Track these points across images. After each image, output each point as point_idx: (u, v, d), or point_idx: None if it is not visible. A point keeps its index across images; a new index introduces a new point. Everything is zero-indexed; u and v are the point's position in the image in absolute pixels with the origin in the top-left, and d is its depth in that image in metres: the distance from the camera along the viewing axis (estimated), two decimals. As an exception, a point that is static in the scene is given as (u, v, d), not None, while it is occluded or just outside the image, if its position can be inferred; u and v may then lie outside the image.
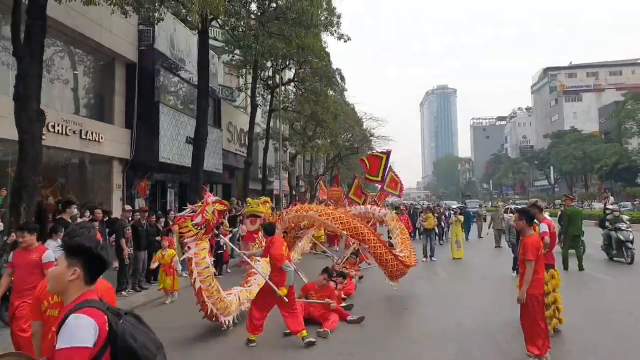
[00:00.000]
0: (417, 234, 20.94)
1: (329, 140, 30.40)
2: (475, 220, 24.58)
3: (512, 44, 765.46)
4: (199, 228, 6.62)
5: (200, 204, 6.79)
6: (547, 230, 6.71)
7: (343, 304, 8.15)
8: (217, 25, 19.98)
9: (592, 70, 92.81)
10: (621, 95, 63.57)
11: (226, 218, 14.16)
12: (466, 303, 8.79)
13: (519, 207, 6.37)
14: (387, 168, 14.12)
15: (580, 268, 11.79)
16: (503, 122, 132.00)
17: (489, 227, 19.94)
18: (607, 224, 14.00)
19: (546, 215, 7.48)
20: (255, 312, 6.48)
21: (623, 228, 13.36)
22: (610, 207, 15.37)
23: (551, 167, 69.48)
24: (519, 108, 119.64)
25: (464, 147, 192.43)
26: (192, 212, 6.73)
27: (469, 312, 7.97)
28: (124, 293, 9.58)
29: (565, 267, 11.58)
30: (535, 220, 6.27)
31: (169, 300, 9.53)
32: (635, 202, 35.99)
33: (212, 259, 12.23)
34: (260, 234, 7.85)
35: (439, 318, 7.67)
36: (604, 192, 39.09)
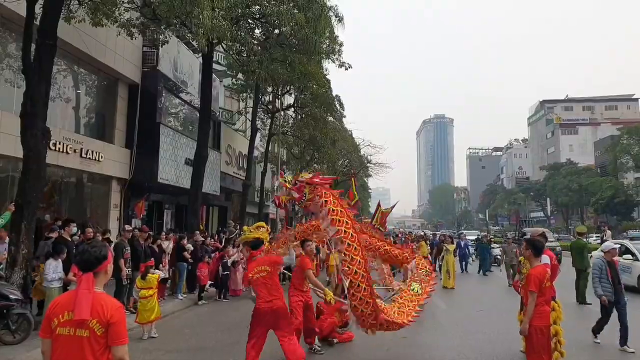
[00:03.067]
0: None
1: (326, 166, 30.51)
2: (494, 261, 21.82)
3: (512, 74, 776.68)
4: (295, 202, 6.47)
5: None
6: (548, 263, 6.68)
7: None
8: (221, 50, 20.27)
9: (588, 105, 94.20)
10: (617, 129, 64.36)
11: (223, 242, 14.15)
12: (465, 334, 8.70)
13: (528, 237, 6.08)
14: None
15: (582, 301, 11.66)
16: (499, 153, 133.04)
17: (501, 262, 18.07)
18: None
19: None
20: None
21: None
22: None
23: (547, 199, 69.71)
24: (515, 139, 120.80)
25: (460, 177, 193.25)
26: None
27: (469, 343, 7.89)
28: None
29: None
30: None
31: (147, 335, 8.23)
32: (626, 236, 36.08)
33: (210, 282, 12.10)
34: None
35: (439, 348, 7.59)
36: (601, 225, 39.21)
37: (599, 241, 29.28)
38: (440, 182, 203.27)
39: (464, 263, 20.55)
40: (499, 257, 20.66)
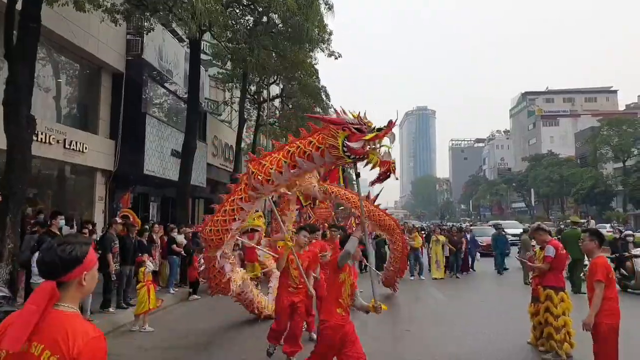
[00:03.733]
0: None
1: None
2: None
3: (493, 66, 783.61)
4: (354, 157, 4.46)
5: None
6: (553, 254, 6.55)
7: None
8: (207, 39, 19.82)
9: (568, 96, 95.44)
10: (597, 121, 65.32)
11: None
12: (469, 326, 8.57)
13: (592, 227, 5.48)
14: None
15: (577, 291, 11.35)
16: (481, 144, 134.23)
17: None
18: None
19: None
20: None
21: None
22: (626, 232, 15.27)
23: (531, 190, 70.58)
24: (497, 131, 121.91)
25: (443, 168, 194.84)
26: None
27: (474, 336, 7.76)
28: (110, 309, 9.09)
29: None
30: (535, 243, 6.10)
31: (136, 327, 8.09)
32: (614, 225, 36.70)
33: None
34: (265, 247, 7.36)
35: (446, 343, 7.43)
36: (584, 215, 39.81)
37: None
38: (423, 173, 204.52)
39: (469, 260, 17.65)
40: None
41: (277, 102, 28.00)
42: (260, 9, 14.96)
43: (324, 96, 27.12)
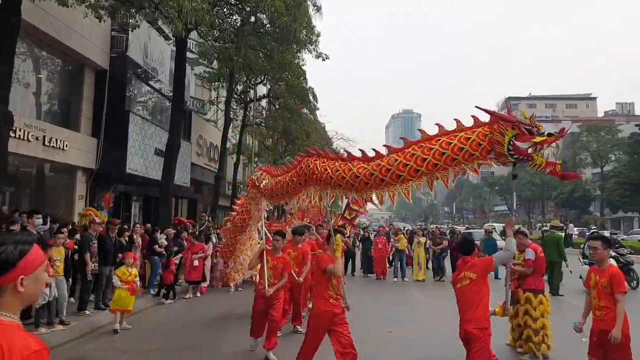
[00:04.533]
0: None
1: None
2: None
3: (478, 73, 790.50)
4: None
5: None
6: (533, 257, 6.64)
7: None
8: (194, 37, 19.64)
9: (550, 102, 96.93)
10: (577, 127, 66.42)
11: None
12: (449, 327, 8.56)
13: (606, 235, 5.02)
14: None
15: (556, 293, 11.55)
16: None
17: None
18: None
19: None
20: None
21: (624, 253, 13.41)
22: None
23: (514, 194, 71.36)
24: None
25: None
26: None
27: (454, 337, 7.76)
28: (87, 312, 8.89)
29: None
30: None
31: (119, 326, 7.96)
32: (593, 228, 37.37)
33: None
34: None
35: (426, 344, 7.43)
36: (563, 219, 40.42)
37: (562, 234, 30.05)
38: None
39: None
40: None
41: (264, 102, 27.90)
42: (248, 9, 14.85)
43: (311, 97, 27.13)
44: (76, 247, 9.41)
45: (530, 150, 4.34)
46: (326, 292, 5.23)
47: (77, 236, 9.70)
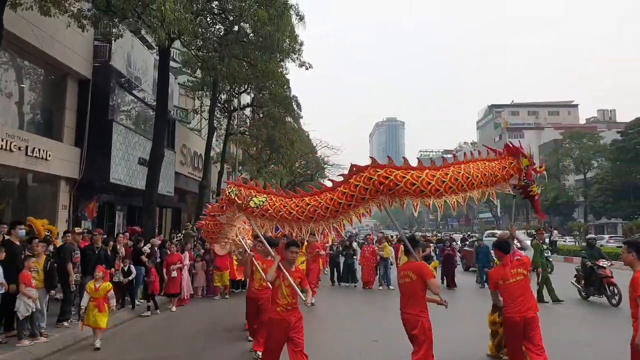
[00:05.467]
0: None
1: (284, 167, 30.26)
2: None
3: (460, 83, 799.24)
4: None
5: None
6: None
7: None
8: (177, 47, 19.67)
9: (532, 110, 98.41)
10: (559, 134, 67.52)
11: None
12: (439, 334, 8.64)
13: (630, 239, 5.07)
14: None
15: (540, 299, 11.38)
16: (449, 155, 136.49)
17: None
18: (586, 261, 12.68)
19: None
20: None
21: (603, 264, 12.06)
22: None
23: (498, 201, 72.06)
24: (464, 142, 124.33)
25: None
26: None
27: (445, 344, 7.84)
28: (65, 324, 8.73)
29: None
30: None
31: (98, 343, 7.55)
32: (575, 234, 37.85)
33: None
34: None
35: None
36: (547, 226, 40.93)
37: (547, 241, 30.45)
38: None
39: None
40: None
41: (247, 111, 27.95)
42: (231, 18, 14.94)
43: (295, 106, 27.27)
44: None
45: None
46: (276, 299, 5.45)
47: (51, 247, 9.53)
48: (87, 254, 9.63)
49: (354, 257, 17.00)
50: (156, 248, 12.29)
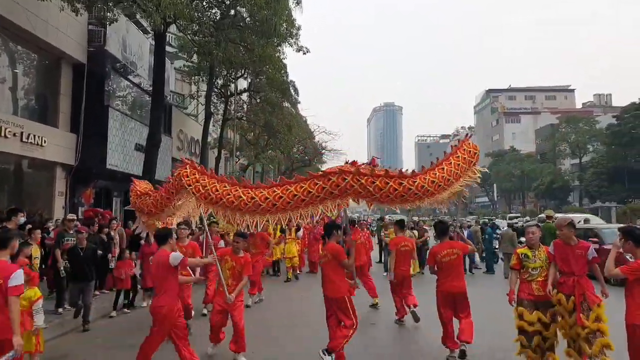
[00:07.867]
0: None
1: (282, 152, 30.18)
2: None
3: (459, 67, 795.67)
4: None
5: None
6: (552, 250, 6.18)
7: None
8: (173, 31, 19.43)
9: (529, 94, 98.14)
10: (556, 118, 67.49)
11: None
12: (432, 322, 8.70)
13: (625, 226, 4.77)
14: None
15: None
16: (447, 140, 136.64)
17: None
18: None
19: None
20: None
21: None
22: None
23: (494, 185, 72.34)
24: (462, 127, 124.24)
25: (409, 164, 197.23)
26: None
27: (433, 333, 7.89)
28: (60, 310, 8.55)
29: None
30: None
31: None
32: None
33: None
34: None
35: (417, 339, 7.55)
36: (543, 209, 41.02)
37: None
38: (390, 168, 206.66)
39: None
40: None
41: (244, 96, 27.77)
42: (228, 2, 14.76)
43: (292, 91, 27.09)
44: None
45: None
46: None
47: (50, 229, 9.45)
48: (71, 258, 8.18)
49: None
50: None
